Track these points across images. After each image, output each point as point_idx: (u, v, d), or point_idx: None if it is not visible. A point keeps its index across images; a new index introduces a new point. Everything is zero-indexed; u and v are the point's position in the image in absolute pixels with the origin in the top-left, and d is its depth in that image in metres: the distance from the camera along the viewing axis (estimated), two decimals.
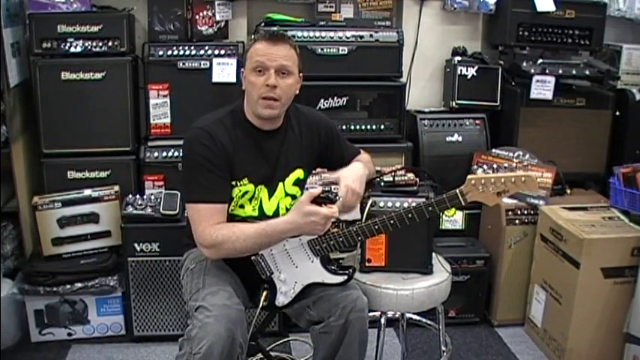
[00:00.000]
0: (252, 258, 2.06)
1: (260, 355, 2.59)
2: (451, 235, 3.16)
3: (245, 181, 2.08)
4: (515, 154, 3.15)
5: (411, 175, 2.37)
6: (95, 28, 2.87)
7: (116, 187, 2.93)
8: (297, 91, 2.11)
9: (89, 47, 2.88)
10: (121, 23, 2.91)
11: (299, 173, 2.18)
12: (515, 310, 3.12)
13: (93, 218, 2.90)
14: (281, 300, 2.10)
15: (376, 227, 2.01)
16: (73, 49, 2.87)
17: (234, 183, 2.07)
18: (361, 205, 2.13)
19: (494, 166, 3.13)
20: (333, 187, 2.13)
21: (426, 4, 3.41)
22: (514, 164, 3.10)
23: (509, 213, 3.01)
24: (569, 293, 2.73)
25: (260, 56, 2.00)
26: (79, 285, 2.85)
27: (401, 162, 3.13)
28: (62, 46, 2.86)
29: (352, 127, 3.09)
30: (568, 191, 3.19)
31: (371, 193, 2.17)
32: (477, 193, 1.94)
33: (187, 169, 2.06)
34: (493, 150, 3.20)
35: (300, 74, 2.10)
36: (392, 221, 2.00)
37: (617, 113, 3.31)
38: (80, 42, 2.87)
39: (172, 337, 2.65)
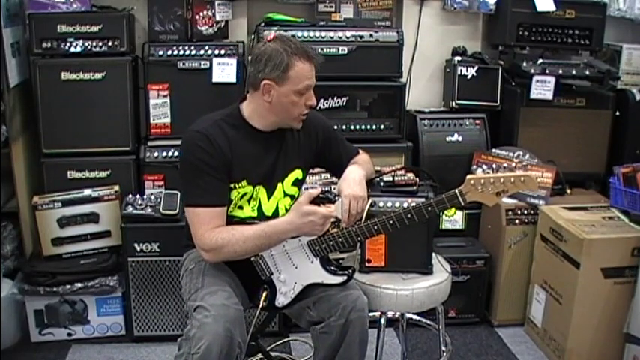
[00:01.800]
0: (252, 259, 2.06)
1: (260, 355, 2.60)
2: (451, 235, 3.16)
3: (244, 183, 2.08)
4: (515, 154, 3.15)
5: (410, 175, 2.36)
6: (95, 28, 2.87)
7: (116, 187, 2.93)
8: None
9: (89, 47, 2.88)
10: (121, 23, 2.91)
11: (297, 174, 2.18)
12: (515, 310, 3.12)
13: (93, 218, 2.90)
14: (281, 300, 2.10)
15: (375, 228, 2.01)
16: (73, 49, 2.87)
17: (232, 185, 2.06)
18: None
19: (494, 166, 3.12)
20: (333, 187, 2.12)
21: (426, 4, 3.40)
22: (514, 164, 3.10)
23: (509, 213, 3.01)
24: (569, 293, 2.73)
25: (308, 79, 2.01)
26: (79, 285, 2.85)
27: (401, 162, 3.13)
28: (62, 46, 2.86)
29: (352, 127, 3.09)
30: (568, 191, 3.19)
31: (371, 194, 2.17)
32: (476, 194, 1.94)
33: (185, 172, 2.04)
34: (493, 150, 3.20)
35: None
36: (391, 222, 2.00)
37: (617, 113, 3.31)
38: (80, 42, 2.87)
39: (172, 337, 2.64)
